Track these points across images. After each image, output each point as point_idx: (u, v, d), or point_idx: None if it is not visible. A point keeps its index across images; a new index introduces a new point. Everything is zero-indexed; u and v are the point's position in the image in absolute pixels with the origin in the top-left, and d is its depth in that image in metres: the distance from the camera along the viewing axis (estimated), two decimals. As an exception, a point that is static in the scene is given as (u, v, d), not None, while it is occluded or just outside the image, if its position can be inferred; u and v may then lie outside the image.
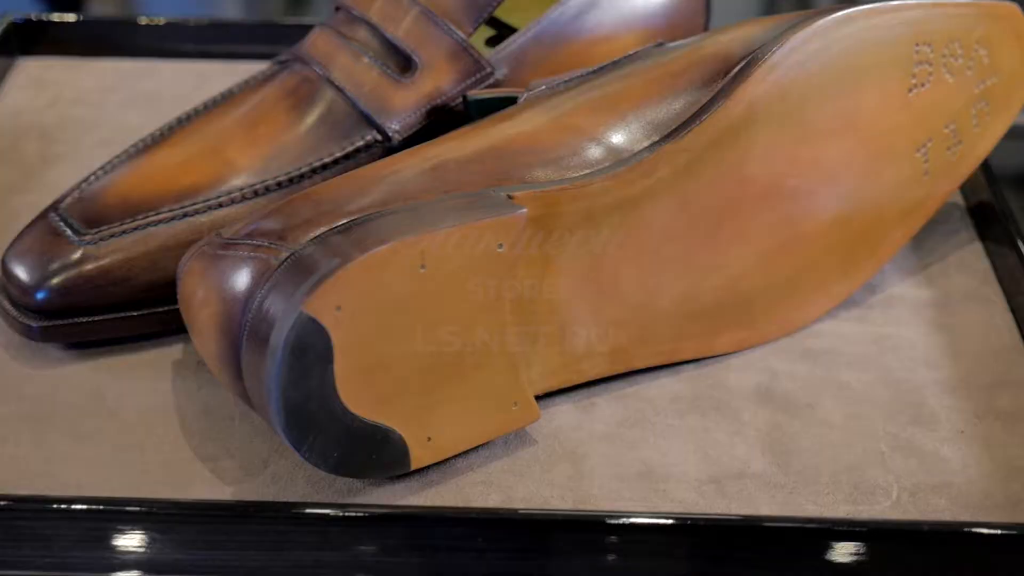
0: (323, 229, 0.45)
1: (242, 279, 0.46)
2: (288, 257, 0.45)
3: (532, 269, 0.48)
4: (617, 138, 0.50)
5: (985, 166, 0.62)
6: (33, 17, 0.74)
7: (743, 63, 0.50)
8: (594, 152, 0.49)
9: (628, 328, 0.51)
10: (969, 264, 0.59)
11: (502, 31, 0.63)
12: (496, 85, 0.57)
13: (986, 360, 0.54)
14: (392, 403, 0.45)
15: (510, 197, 0.47)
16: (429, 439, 0.46)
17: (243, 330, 0.45)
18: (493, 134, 0.50)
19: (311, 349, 0.43)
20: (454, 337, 0.46)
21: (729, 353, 0.54)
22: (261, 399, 0.44)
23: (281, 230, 0.46)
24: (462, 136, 0.50)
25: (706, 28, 0.65)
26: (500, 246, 0.46)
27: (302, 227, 0.46)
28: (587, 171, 0.49)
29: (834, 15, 0.51)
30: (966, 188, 0.63)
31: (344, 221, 0.46)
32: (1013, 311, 0.56)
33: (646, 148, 0.49)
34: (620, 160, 0.49)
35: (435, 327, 0.45)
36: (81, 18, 0.75)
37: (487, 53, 0.58)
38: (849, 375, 0.53)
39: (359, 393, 0.44)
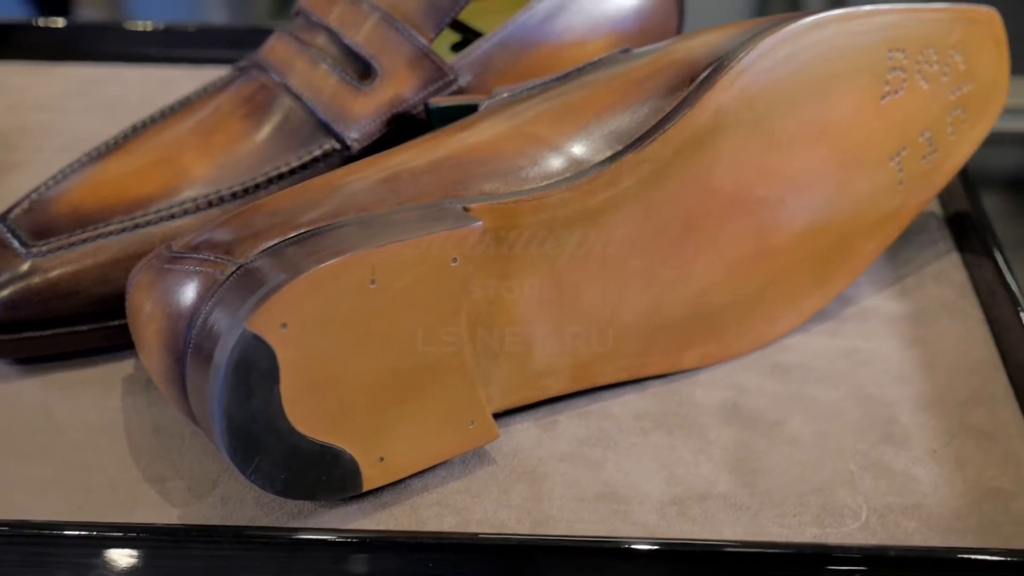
0: (271, 242, 0.44)
1: (188, 294, 0.44)
2: (234, 271, 0.43)
3: (489, 283, 0.47)
4: (578, 148, 0.48)
5: (963, 174, 0.60)
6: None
7: (709, 70, 0.49)
8: (554, 162, 0.48)
9: (592, 344, 0.49)
10: (946, 275, 0.58)
11: (468, 36, 0.62)
12: (460, 92, 0.56)
13: (961, 375, 0.52)
14: (342, 423, 0.44)
15: (466, 209, 0.45)
16: (382, 459, 0.45)
17: (187, 347, 0.44)
18: (450, 143, 0.48)
19: (255, 368, 0.41)
20: (407, 354, 0.44)
21: (697, 368, 0.52)
22: (205, 419, 0.43)
23: (228, 243, 0.45)
24: (419, 146, 0.48)
25: (679, 32, 0.63)
26: (454, 260, 0.44)
27: (249, 240, 0.44)
28: (547, 182, 0.47)
29: (804, 20, 0.50)
30: (944, 197, 0.62)
31: (293, 234, 0.44)
32: (990, 323, 0.55)
33: (608, 158, 0.48)
34: (581, 171, 0.48)
35: (387, 344, 0.44)
36: (46, 22, 0.74)
37: (452, 59, 0.56)
38: (819, 391, 0.51)
39: (307, 413, 0.43)
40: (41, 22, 0.74)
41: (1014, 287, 0.54)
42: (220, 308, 0.43)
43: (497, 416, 0.49)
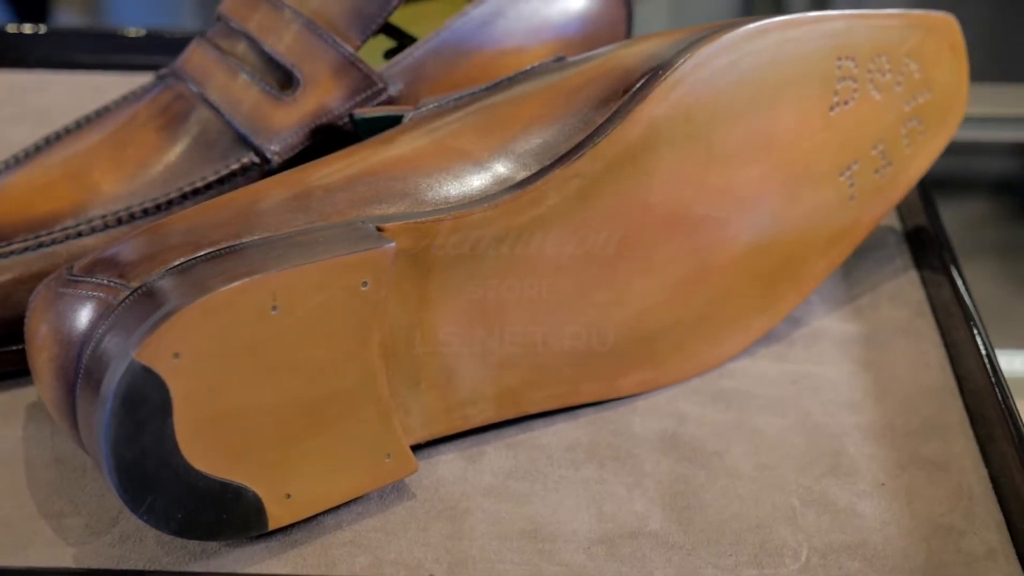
0: (169, 265, 0.41)
1: (81, 320, 0.41)
2: (127, 296, 0.40)
3: (406, 308, 0.44)
4: (503, 163, 0.45)
5: (922, 187, 0.58)
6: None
7: (643, 80, 0.46)
8: (477, 178, 0.45)
9: (518, 370, 0.46)
10: (902, 295, 0.55)
11: (404, 42, 0.59)
12: (390, 102, 0.53)
13: (914, 402, 0.49)
14: (244, 458, 0.41)
15: (380, 229, 0.42)
16: (289, 496, 0.42)
17: (78, 376, 0.41)
18: (367, 158, 0.45)
19: (146, 401, 0.38)
20: (314, 384, 0.41)
21: (635, 395, 0.49)
22: (95, 453, 0.40)
23: (124, 266, 0.42)
24: (335, 161, 0.46)
25: (629, 38, 0.60)
26: (364, 284, 0.41)
27: (146, 263, 0.41)
28: (469, 199, 0.44)
29: (745, 27, 0.47)
30: (903, 210, 0.59)
31: (192, 256, 0.41)
32: (947, 347, 0.52)
33: (535, 174, 0.45)
34: (505, 187, 0.45)
35: (291, 374, 0.41)
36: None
37: (384, 67, 0.53)
38: (763, 420, 0.48)
39: (205, 448, 0.40)
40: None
41: (971, 307, 0.51)
42: (111, 336, 0.40)
43: (420, 447, 0.46)
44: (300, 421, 0.42)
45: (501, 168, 0.45)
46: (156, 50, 0.71)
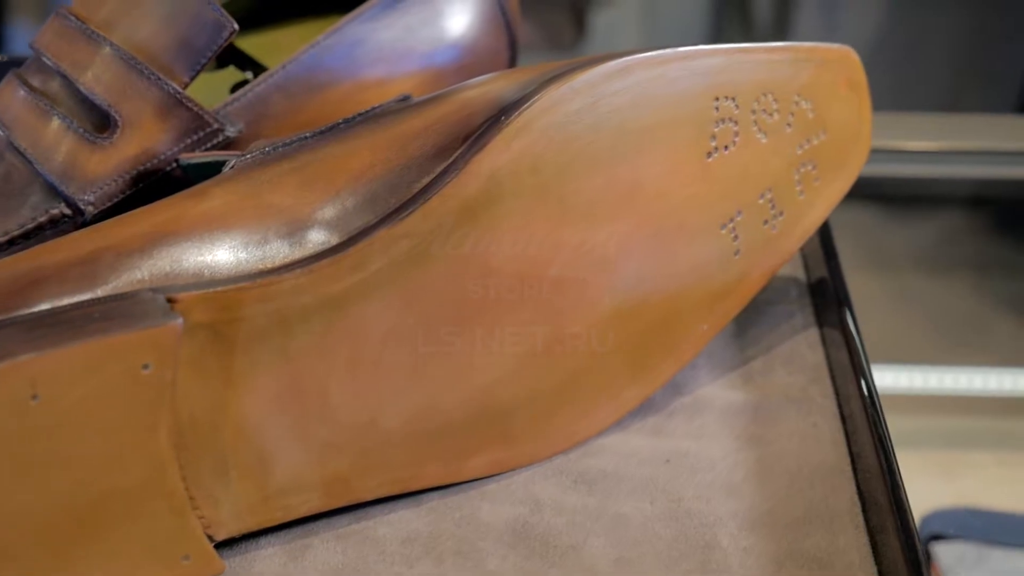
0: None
1: None
2: None
3: (208, 389, 0.38)
4: (325, 221, 0.40)
5: (824, 235, 0.52)
6: None
7: (483, 126, 0.41)
8: (293, 240, 0.40)
9: (346, 454, 0.41)
10: (799, 358, 0.49)
11: (259, 75, 0.53)
12: (229, 145, 0.48)
13: (800, 485, 0.44)
14: (8, 565, 0.36)
15: (170, 301, 0.37)
16: (65, 608, 0.37)
17: None
18: (170, 216, 0.40)
19: None
20: (89, 483, 0.36)
21: (486, 477, 0.44)
22: None
23: None
24: (133, 219, 0.40)
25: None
26: (146, 366, 0.36)
27: None
28: (280, 265, 0.39)
29: (604, 65, 0.41)
30: (809, 259, 0.54)
31: (-53, 336, 0.36)
32: (843, 419, 0.46)
33: (357, 234, 0.40)
34: (323, 251, 0.39)
35: (59, 472, 0.36)
36: None
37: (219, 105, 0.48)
38: (629, 506, 0.43)
39: (-44, 558, 0.35)
40: None
41: (867, 372, 0.45)
42: None
43: (238, 541, 0.41)
44: (73, 524, 0.36)
45: (320, 227, 0.40)
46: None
